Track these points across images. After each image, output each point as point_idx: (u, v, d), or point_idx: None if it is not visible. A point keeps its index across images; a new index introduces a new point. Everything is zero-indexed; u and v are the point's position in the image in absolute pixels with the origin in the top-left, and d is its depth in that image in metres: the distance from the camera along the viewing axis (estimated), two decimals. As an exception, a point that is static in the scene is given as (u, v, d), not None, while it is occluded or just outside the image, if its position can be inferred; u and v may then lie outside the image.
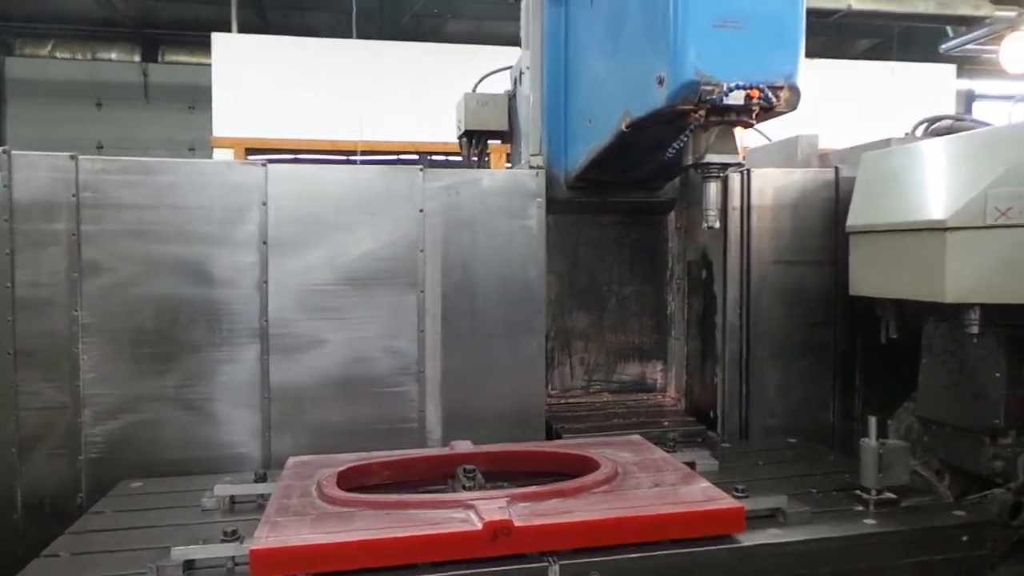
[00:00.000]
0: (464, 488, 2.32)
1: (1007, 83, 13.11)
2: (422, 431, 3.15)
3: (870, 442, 2.52)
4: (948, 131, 3.64)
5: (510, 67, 3.96)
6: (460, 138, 4.08)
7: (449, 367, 3.14)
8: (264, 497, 2.38)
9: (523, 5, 3.53)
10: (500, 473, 2.55)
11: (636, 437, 2.88)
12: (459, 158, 4.20)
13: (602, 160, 3.07)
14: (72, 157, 2.83)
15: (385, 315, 3.11)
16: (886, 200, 2.98)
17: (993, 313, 2.65)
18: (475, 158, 4.06)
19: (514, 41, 3.84)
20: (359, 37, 10.48)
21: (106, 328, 2.87)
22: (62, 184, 2.82)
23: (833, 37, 13.16)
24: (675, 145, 2.55)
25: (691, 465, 2.66)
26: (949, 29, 10.61)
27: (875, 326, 3.19)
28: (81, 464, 2.85)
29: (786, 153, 4.04)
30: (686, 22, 2.37)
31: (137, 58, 13.79)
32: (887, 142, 3.52)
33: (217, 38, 9.40)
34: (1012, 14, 10.06)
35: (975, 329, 2.66)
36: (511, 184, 3.18)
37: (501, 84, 4.07)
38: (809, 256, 3.44)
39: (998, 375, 2.77)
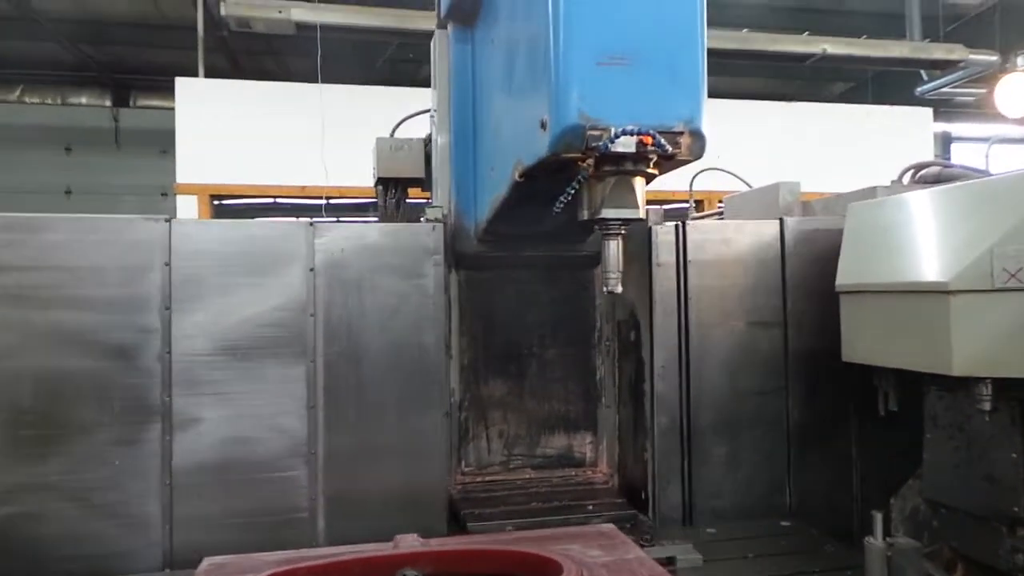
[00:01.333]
0: None
1: (984, 126, 12.99)
2: (313, 522, 2.76)
3: (876, 542, 2.20)
4: (936, 179, 3.44)
5: (429, 110, 3.67)
6: (376, 185, 3.76)
7: (333, 448, 2.76)
8: None
9: (432, 43, 3.25)
10: (450, 575, 2.18)
11: (608, 528, 2.50)
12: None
13: (505, 212, 2.75)
14: None
15: (271, 389, 2.75)
16: (879, 257, 2.71)
17: (1006, 385, 2.33)
18: (395, 207, 3.73)
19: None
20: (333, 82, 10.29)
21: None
22: None
23: (809, 80, 13.08)
24: (562, 199, 2.22)
25: (670, 561, 2.41)
26: (923, 73, 10.50)
27: (871, 394, 2.88)
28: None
29: (766, 201, 3.83)
30: (568, 59, 2.07)
31: (108, 102, 13.63)
32: (873, 191, 3.29)
33: (181, 83, 9.19)
34: (986, 58, 9.96)
35: (987, 405, 2.33)
36: (405, 239, 2.84)
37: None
38: (762, 316, 3.14)
39: (1014, 455, 2.43)
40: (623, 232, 2.36)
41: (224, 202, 9.25)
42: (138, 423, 2.63)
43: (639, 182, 2.28)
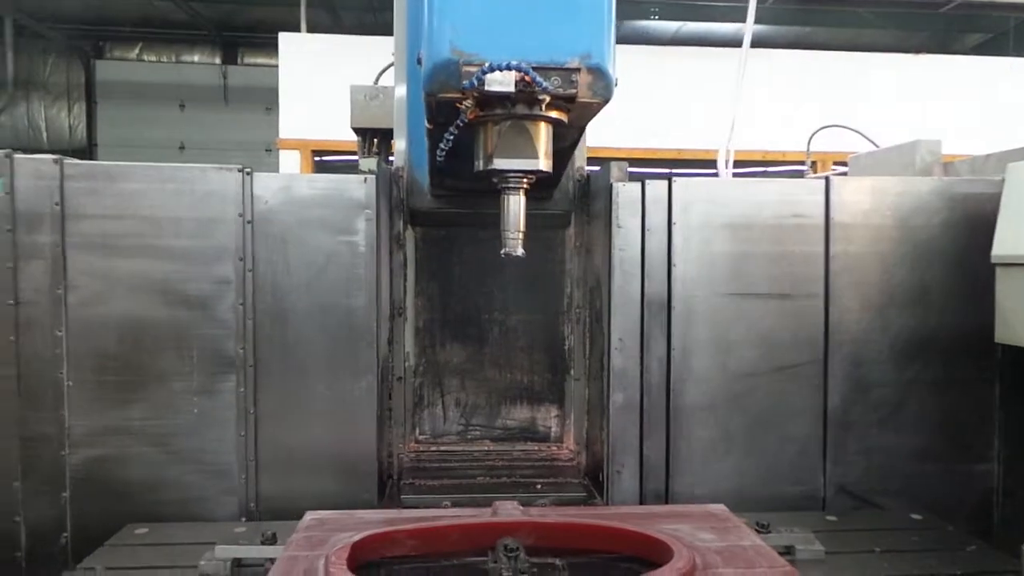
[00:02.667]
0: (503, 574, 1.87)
1: None
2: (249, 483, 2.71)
3: None
4: None
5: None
6: (357, 136, 3.61)
7: (264, 409, 2.68)
8: (272, 562, 2.02)
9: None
10: (550, 549, 2.08)
11: (719, 508, 2.33)
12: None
13: (440, 164, 2.52)
14: (56, 161, 2.56)
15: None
16: None
17: None
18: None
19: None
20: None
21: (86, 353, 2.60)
22: (45, 192, 2.55)
23: (940, 32, 11.62)
24: (441, 146, 1.98)
25: (788, 551, 2.21)
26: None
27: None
28: (65, 501, 2.59)
29: (903, 161, 3.54)
30: (442, -16, 1.80)
31: (218, 60, 14.28)
32: None
33: (284, 38, 9.35)
34: None
35: None
36: (333, 192, 2.66)
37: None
38: (777, 287, 2.78)
39: None
40: (525, 186, 2.08)
41: (325, 158, 9.37)
42: (215, 373, 2.64)
43: (542, 128, 1.98)
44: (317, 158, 9.27)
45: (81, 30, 13.28)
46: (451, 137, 1.94)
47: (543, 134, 1.99)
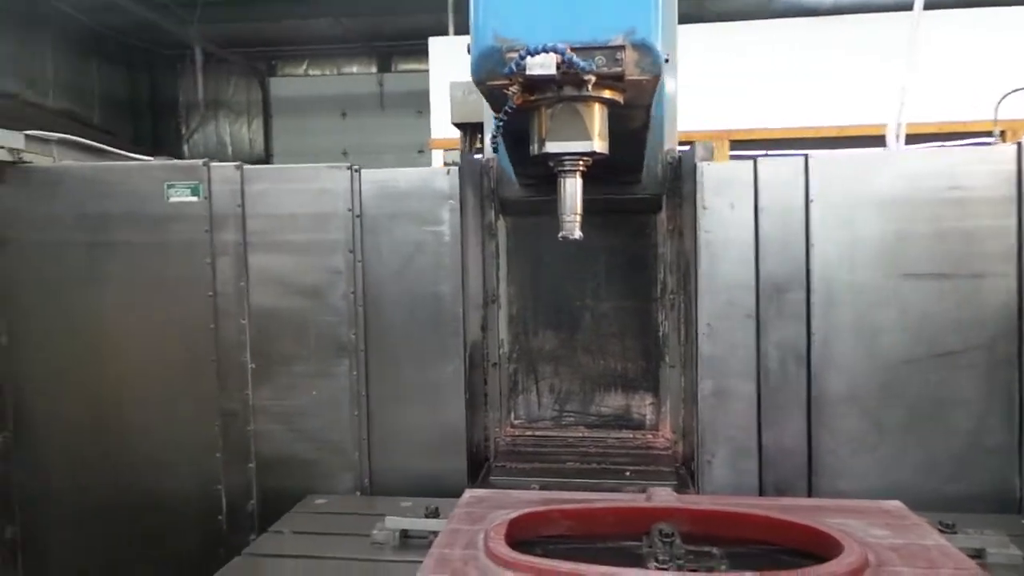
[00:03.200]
0: (657, 561, 1.84)
1: None
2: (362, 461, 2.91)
3: None
4: None
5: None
6: (460, 132, 3.74)
7: (370, 392, 2.87)
8: (435, 535, 2.15)
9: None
10: (706, 536, 2.04)
11: (894, 505, 2.17)
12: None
13: (515, 153, 2.57)
14: (238, 167, 2.89)
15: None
16: None
17: None
18: (477, 154, 3.68)
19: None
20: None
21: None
22: (229, 195, 2.89)
23: None
24: (492, 133, 2.02)
25: (978, 555, 2.04)
26: None
27: None
28: (252, 472, 2.91)
29: None
30: (485, -28, 1.84)
31: (374, 69, 15.22)
32: None
33: (434, 42, 9.84)
34: None
35: None
36: (420, 185, 2.79)
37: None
38: (937, 266, 2.58)
39: None
40: (582, 168, 2.07)
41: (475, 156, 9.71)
42: (330, 358, 2.87)
43: (595, 109, 1.97)
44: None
45: (257, 52, 14.66)
46: (500, 124, 1.98)
47: (597, 115, 1.97)
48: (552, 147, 1.99)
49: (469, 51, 1.94)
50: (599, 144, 1.99)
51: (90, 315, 2.92)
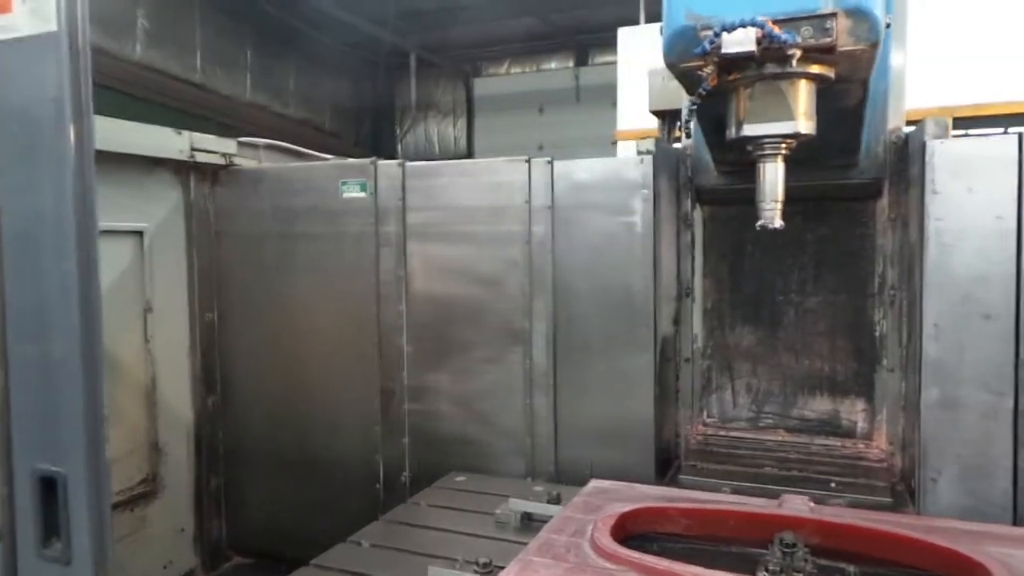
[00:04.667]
0: (767, 571, 1.78)
1: None
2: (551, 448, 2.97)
3: None
4: None
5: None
6: (658, 119, 3.64)
7: (557, 382, 2.91)
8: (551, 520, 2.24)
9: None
10: (838, 551, 1.96)
11: None
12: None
13: (711, 138, 2.45)
14: (400, 164, 3.10)
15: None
16: None
17: None
18: (676, 143, 3.57)
19: None
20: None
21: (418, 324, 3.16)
22: (392, 191, 3.13)
23: None
24: (685, 116, 1.92)
25: None
26: None
27: None
28: (405, 446, 3.14)
29: None
30: (677, -51, 1.76)
31: (571, 64, 15.39)
32: None
33: (623, 32, 9.83)
34: None
35: None
36: (610, 175, 2.74)
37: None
38: None
39: None
40: (783, 152, 1.91)
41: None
42: (505, 345, 3.00)
43: (801, 87, 1.81)
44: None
45: (464, 54, 15.41)
46: (693, 107, 1.89)
47: (802, 93, 1.81)
48: (751, 129, 1.86)
49: (662, 33, 1.87)
50: (804, 124, 1.83)
51: (281, 298, 3.26)
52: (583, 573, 1.77)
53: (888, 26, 1.69)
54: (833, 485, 2.55)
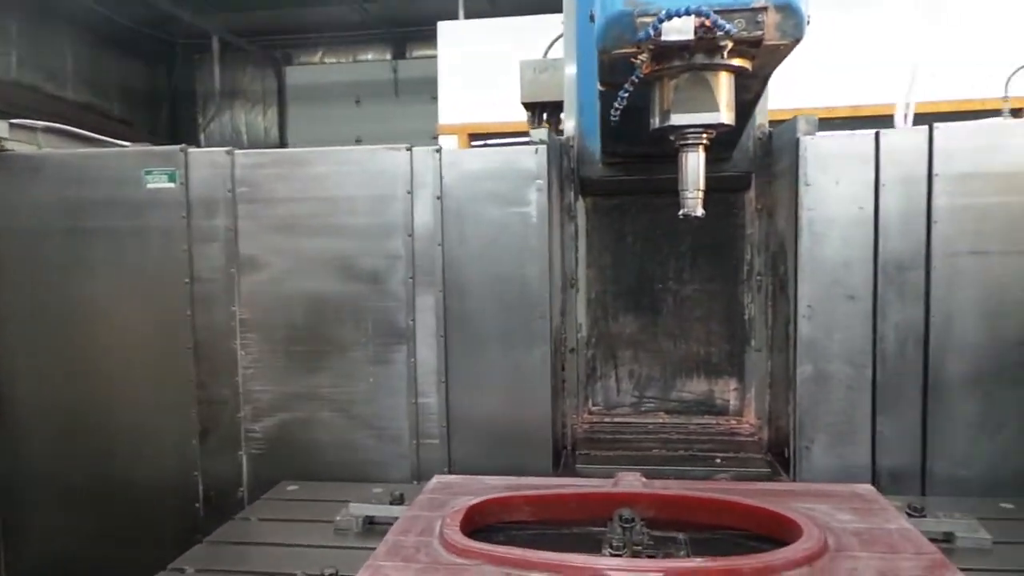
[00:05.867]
0: (611, 547, 1.83)
1: None
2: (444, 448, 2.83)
3: None
4: None
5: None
6: (527, 112, 3.64)
7: (449, 379, 2.78)
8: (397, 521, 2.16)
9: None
10: (673, 521, 2.06)
11: (865, 489, 2.21)
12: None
13: (611, 129, 2.47)
14: (228, 152, 2.87)
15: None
16: None
17: None
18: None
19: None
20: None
21: (262, 325, 2.86)
22: (219, 180, 2.84)
23: None
24: (616, 105, 1.92)
25: (948, 538, 2.01)
26: None
27: None
28: (242, 459, 2.87)
29: None
30: (612, -68, 1.74)
31: (388, 56, 15.09)
32: None
33: (442, 27, 9.73)
34: None
35: None
36: (503, 164, 2.69)
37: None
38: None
39: None
40: (704, 142, 1.98)
41: (481, 142, 9.62)
42: (388, 344, 2.80)
43: (723, 78, 1.87)
44: (475, 142, 9.45)
45: (274, 40, 14.53)
46: (625, 95, 1.89)
47: (724, 84, 1.87)
48: (678, 119, 1.89)
49: (592, 19, 1.84)
50: (727, 115, 1.89)
51: (71, 301, 2.90)
52: (436, 572, 1.74)
53: (809, 22, 1.79)
54: (718, 461, 2.71)
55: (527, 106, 3.50)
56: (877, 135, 2.49)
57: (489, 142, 9.41)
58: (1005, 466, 2.47)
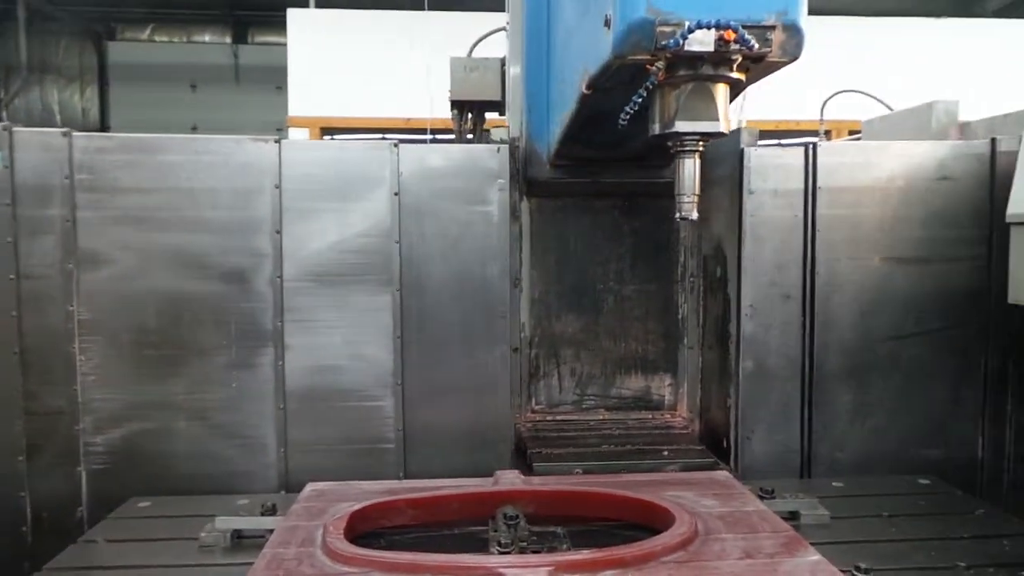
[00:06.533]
0: (499, 545, 1.83)
1: None
2: (399, 453, 2.72)
3: None
4: None
5: (506, 28, 3.42)
6: (452, 110, 3.58)
7: (405, 381, 2.69)
8: (272, 533, 2.01)
9: (506, -51, 2.97)
10: (551, 517, 2.09)
11: (723, 476, 2.37)
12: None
13: (575, 132, 2.49)
14: (65, 134, 2.55)
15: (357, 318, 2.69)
16: None
17: None
18: (469, 134, 3.55)
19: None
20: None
21: (106, 327, 2.57)
22: (54, 165, 2.52)
23: (960, -3, 11.53)
24: (628, 109, 1.96)
25: (793, 516, 2.21)
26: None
27: None
28: (80, 476, 2.59)
29: (918, 122, 3.45)
30: (636, -59, 1.76)
31: (228, 39, 14.12)
32: None
33: (292, 14, 9.25)
34: None
35: None
36: (467, 163, 2.65)
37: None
38: (911, 251, 2.77)
39: None
40: (700, 149, 2.07)
41: (334, 136, 9.25)
42: (253, 347, 2.62)
43: (721, 90, 1.96)
44: (327, 136, 9.13)
45: (94, 12, 13.09)
46: (639, 100, 1.92)
47: (722, 96, 1.97)
48: (682, 126, 1.96)
49: (608, 24, 1.86)
50: (724, 125, 1.99)
51: None
52: None
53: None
54: (666, 454, 2.83)
55: (455, 104, 3.45)
56: (807, 147, 2.72)
57: (338, 137, 9.11)
58: (879, 447, 2.78)
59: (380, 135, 9.32)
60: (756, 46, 1.76)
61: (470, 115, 3.54)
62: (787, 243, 2.73)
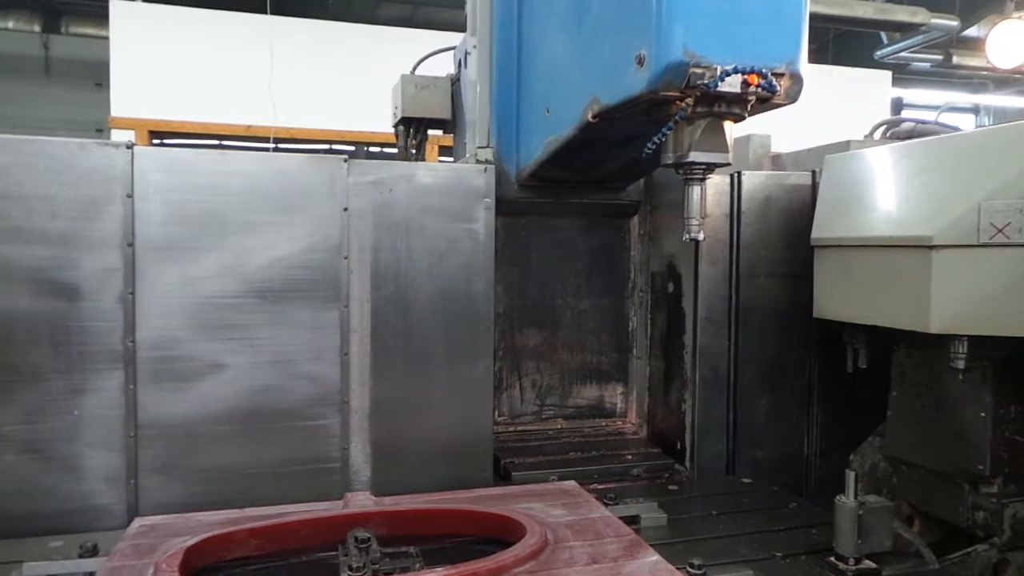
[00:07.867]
0: (351, 569, 1.79)
1: (935, 93, 13.42)
2: (345, 472, 2.64)
3: (848, 501, 2.14)
4: (909, 135, 3.36)
5: (453, 47, 3.48)
6: (396, 126, 3.56)
7: (380, 396, 2.64)
8: None
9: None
10: (405, 537, 2.05)
11: (570, 485, 2.47)
12: (395, 150, 3.67)
13: (562, 156, 2.63)
14: None
15: (301, 334, 2.57)
16: (857, 210, 2.62)
17: (981, 344, 2.30)
18: (413, 150, 3.54)
19: (451, 27, 3.31)
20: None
21: None
22: None
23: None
24: (655, 139, 2.13)
25: (634, 520, 2.36)
26: (883, 36, 10.67)
27: (839, 352, 2.86)
28: None
29: (739, 153, 3.64)
30: (673, -9, 1.95)
31: (37, 28, 12.60)
32: (846, 144, 3.19)
33: (116, 6, 8.41)
34: (947, 22, 10.15)
35: (961, 364, 2.32)
36: (455, 181, 2.69)
37: (440, 68, 3.58)
38: (800, 269, 3.01)
39: (983, 414, 2.42)
40: (709, 177, 2.29)
41: (164, 141, 8.55)
42: (99, 371, 2.38)
43: (728, 126, 2.20)
44: (156, 140, 8.49)
45: None
46: (666, 132, 2.10)
47: (729, 130, 2.21)
48: (697, 156, 2.17)
49: (641, 62, 2.01)
50: (730, 156, 2.23)
51: None
52: None
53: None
54: (629, 458, 3.03)
55: (405, 120, 3.44)
56: (739, 175, 3.04)
57: (167, 141, 8.44)
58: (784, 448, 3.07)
59: (217, 142, 8.79)
60: (779, 89, 2.00)
61: (412, 131, 3.54)
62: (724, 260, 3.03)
